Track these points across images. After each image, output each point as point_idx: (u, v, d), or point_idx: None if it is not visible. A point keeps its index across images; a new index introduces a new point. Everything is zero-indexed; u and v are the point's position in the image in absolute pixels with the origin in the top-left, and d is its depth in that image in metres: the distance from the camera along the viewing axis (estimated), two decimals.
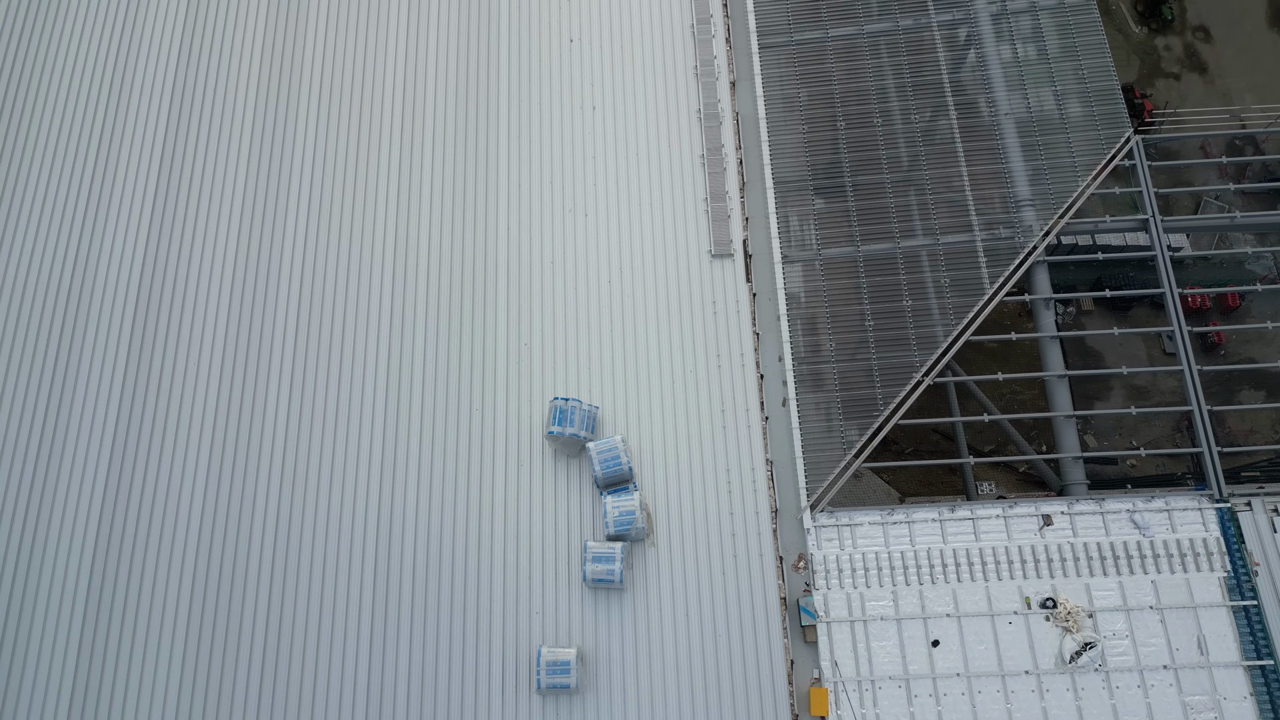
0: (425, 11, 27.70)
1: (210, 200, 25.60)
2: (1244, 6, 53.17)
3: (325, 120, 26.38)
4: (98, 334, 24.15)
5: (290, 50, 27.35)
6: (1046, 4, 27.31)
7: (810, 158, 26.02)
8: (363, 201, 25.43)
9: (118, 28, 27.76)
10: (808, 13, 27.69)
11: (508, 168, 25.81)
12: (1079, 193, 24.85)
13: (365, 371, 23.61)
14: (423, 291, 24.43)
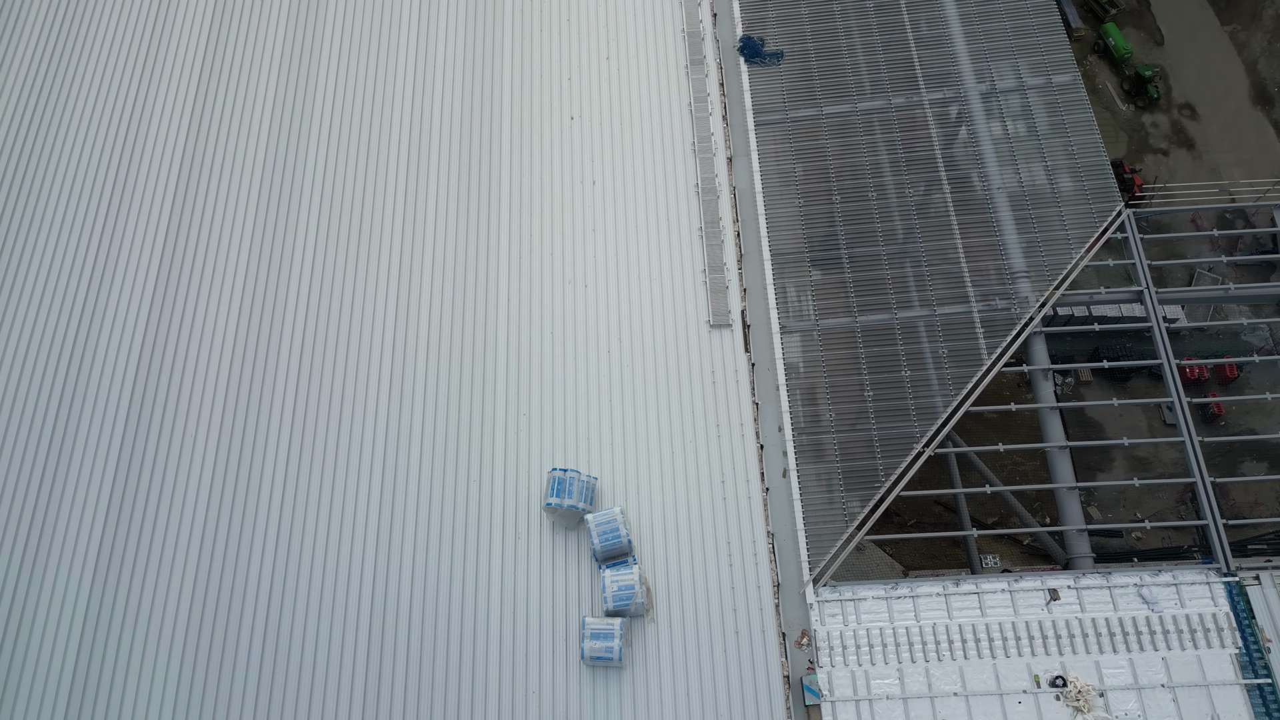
0: (430, 87, 28.40)
1: (214, 263, 25.80)
2: (1227, 86, 54.74)
3: (329, 192, 26.80)
4: (98, 398, 24.06)
5: (297, 118, 27.94)
6: (1034, 83, 28.07)
7: (807, 230, 26.39)
8: (364, 272, 25.66)
9: (129, 92, 28.42)
10: (802, 92, 28.42)
11: (509, 240, 26.13)
12: (1073, 265, 25.13)
13: (363, 441, 23.48)
14: (422, 362, 24.46)
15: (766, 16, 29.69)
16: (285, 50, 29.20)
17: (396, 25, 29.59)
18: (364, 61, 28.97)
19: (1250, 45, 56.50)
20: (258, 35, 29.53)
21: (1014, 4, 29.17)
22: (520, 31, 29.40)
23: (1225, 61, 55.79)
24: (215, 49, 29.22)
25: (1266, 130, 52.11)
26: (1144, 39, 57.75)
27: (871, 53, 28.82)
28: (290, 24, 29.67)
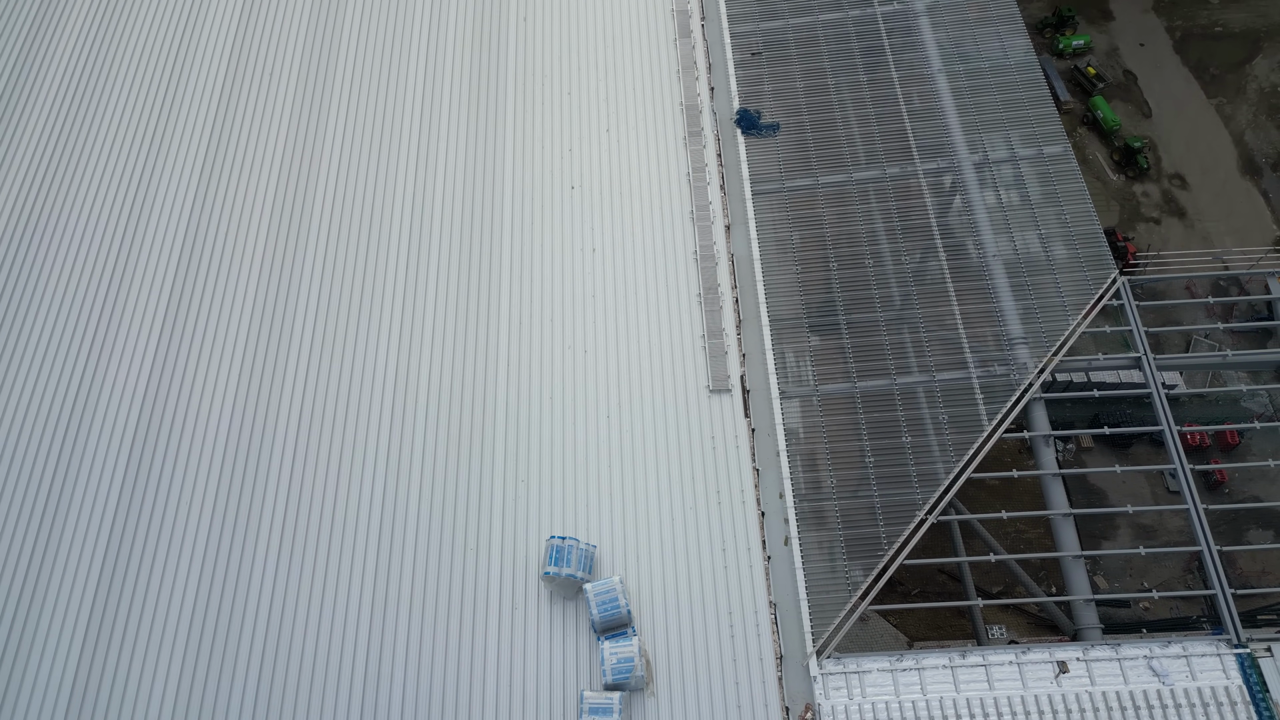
0: (433, 156, 28.91)
1: (216, 325, 25.86)
2: (1215, 157, 55.84)
3: (331, 257, 27.05)
4: (92, 471, 23.86)
5: (301, 181, 28.33)
6: (1026, 154, 28.63)
7: (804, 296, 26.59)
8: (365, 337, 25.74)
9: (137, 162, 28.90)
10: (798, 162, 28.96)
11: (509, 306, 26.29)
12: (1070, 331, 25.25)
13: (359, 507, 23.22)
14: (420, 427, 24.36)
15: (762, 90, 30.43)
16: (292, 114, 29.83)
17: (402, 96, 30.28)
18: (369, 130, 29.56)
19: (1236, 118, 57.84)
20: (268, 92, 30.24)
21: (1003, 78, 29.94)
22: (522, 104, 30.09)
23: (1213, 133, 57.03)
24: (224, 111, 29.87)
25: (1256, 199, 52.98)
26: (1132, 111, 59.14)
27: (866, 124, 29.46)
28: (298, 89, 30.40)
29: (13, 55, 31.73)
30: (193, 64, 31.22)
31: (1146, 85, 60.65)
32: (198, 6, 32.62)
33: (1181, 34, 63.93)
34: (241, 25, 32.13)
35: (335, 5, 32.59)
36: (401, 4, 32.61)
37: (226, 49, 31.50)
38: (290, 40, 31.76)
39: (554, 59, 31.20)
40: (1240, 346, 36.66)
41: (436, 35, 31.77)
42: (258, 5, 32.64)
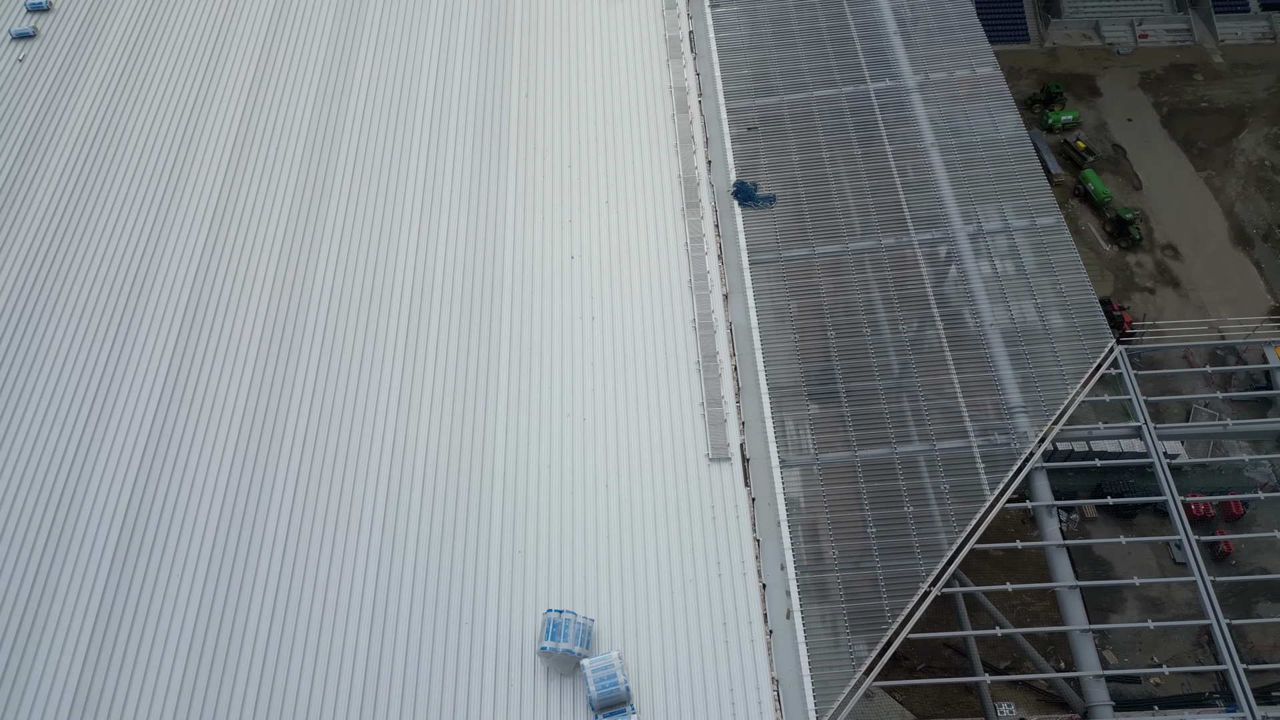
0: (435, 227, 29.30)
1: (215, 392, 25.82)
2: (1207, 228, 56.66)
3: (332, 325, 27.16)
4: (84, 545, 23.52)
5: (306, 242, 28.63)
6: (1019, 225, 29.02)
7: (803, 365, 26.62)
8: (363, 405, 25.66)
9: (145, 220, 29.36)
10: (795, 232, 29.33)
11: (508, 374, 26.28)
12: (1069, 400, 25.20)
13: (353, 578, 22.79)
14: (416, 497, 24.09)
15: (759, 163, 31.02)
16: (298, 179, 30.35)
17: (405, 167, 30.84)
18: (372, 201, 30.02)
19: (1226, 190, 58.89)
20: (275, 158, 30.82)
21: (995, 152, 30.54)
22: (523, 177, 30.63)
23: (1203, 205, 57.99)
24: (231, 175, 30.37)
25: (1249, 269, 53.56)
26: (1122, 184, 60.23)
27: (861, 196, 29.94)
28: (304, 155, 31.03)
29: (24, 129, 32.47)
30: (201, 132, 31.90)
31: (1136, 158, 61.92)
32: (207, 82, 33.53)
33: (1168, 109, 65.56)
34: (250, 94, 32.93)
35: (342, 80, 33.46)
36: (407, 78, 33.47)
37: (235, 117, 32.24)
38: (299, 106, 32.55)
39: (555, 134, 31.87)
40: (1240, 416, 36.58)
41: (441, 108, 32.52)
42: (265, 77, 33.52)
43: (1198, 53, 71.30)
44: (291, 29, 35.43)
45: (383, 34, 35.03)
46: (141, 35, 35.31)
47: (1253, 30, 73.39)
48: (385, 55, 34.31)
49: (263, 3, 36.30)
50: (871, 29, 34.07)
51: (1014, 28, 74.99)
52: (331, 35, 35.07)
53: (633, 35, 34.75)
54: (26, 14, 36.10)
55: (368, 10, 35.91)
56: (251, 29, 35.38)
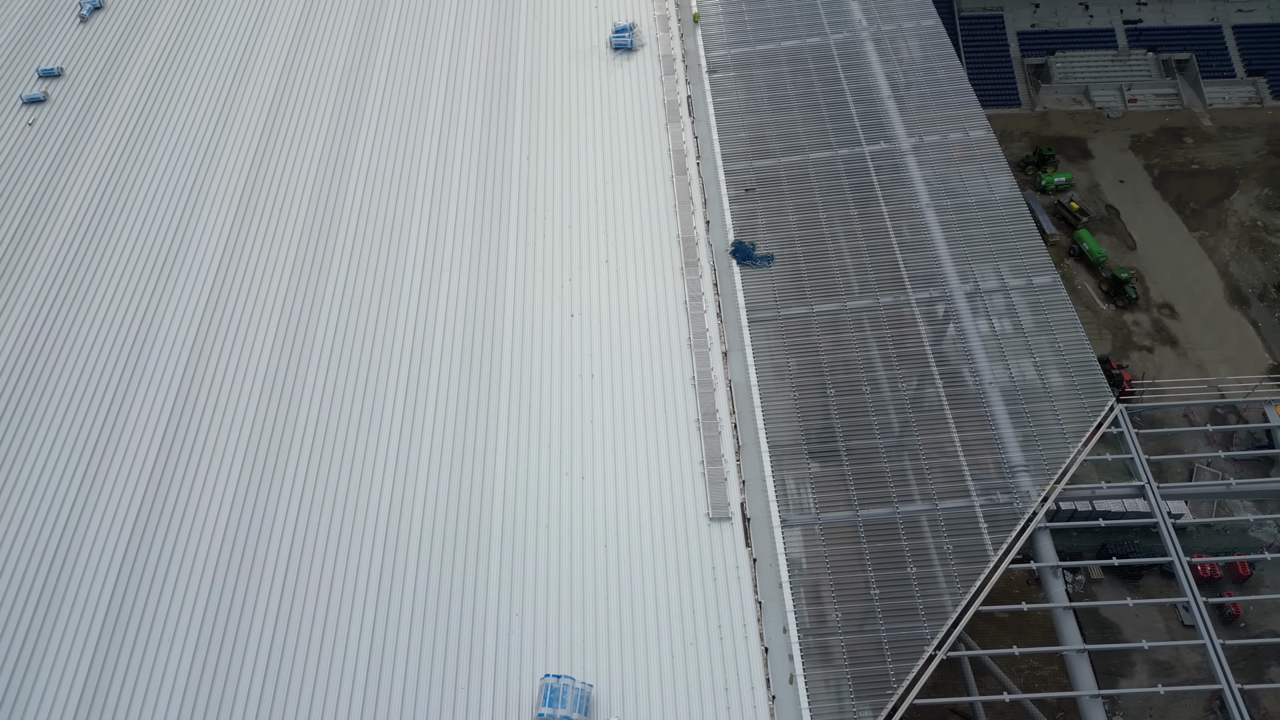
0: (436, 285, 29.50)
1: (212, 447, 25.70)
2: (1202, 287, 57.10)
3: (331, 382, 27.15)
4: (75, 603, 23.16)
5: (308, 305, 28.74)
6: (1016, 284, 29.19)
7: (803, 423, 26.52)
8: (360, 462, 25.49)
9: (146, 282, 29.45)
10: (793, 291, 29.50)
11: (507, 431, 26.16)
12: (1071, 459, 25.04)
13: (347, 639, 22.35)
14: (413, 557, 23.77)
15: (756, 223, 31.36)
16: (302, 231, 30.67)
17: (408, 226, 31.20)
18: (374, 258, 30.28)
19: (1219, 249, 59.51)
20: (280, 206, 31.27)
21: (990, 213, 30.89)
22: (524, 237, 30.95)
23: (1197, 264, 58.56)
24: (238, 220, 30.67)
25: (1246, 328, 53.83)
26: (1117, 244, 60.90)
27: (858, 255, 30.20)
28: (310, 206, 31.47)
29: (32, 189, 32.92)
30: (206, 193, 32.35)
31: (1129, 219, 62.74)
32: (213, 143, 34.13)
33: (1160, 171, 66.65)
34: (256, 155, 33.46)
35: (347, 140, 34.07)
36: (411, 140, 34.06)
37: (241, 177, 32.73)
38: (304, 165, 33.07)
39: (556, 195, 32.30)
40: (1243, 475, 36.38)
41: (444, 169, 33.03)
42: (272, 138, 34.10)
43: (1187, 116, 72.81)
44: (298, 89, 36.19)
45: (388, 97, 35.76)
46: (149, 100, 36.05)
47: (1239, 94, 75.07)
48: (390, 118, 34.97)
49: (269, 67, 37.15)
50: (866, 94, 34.78)
51: (1005, 92, 76.68)
52: (337, 96, 35.81)
53: (632, 100, 35.47)
54: (38, 80, 36.91)
55: (373, 73, 36.72)
56: (258, 93, 36.13)
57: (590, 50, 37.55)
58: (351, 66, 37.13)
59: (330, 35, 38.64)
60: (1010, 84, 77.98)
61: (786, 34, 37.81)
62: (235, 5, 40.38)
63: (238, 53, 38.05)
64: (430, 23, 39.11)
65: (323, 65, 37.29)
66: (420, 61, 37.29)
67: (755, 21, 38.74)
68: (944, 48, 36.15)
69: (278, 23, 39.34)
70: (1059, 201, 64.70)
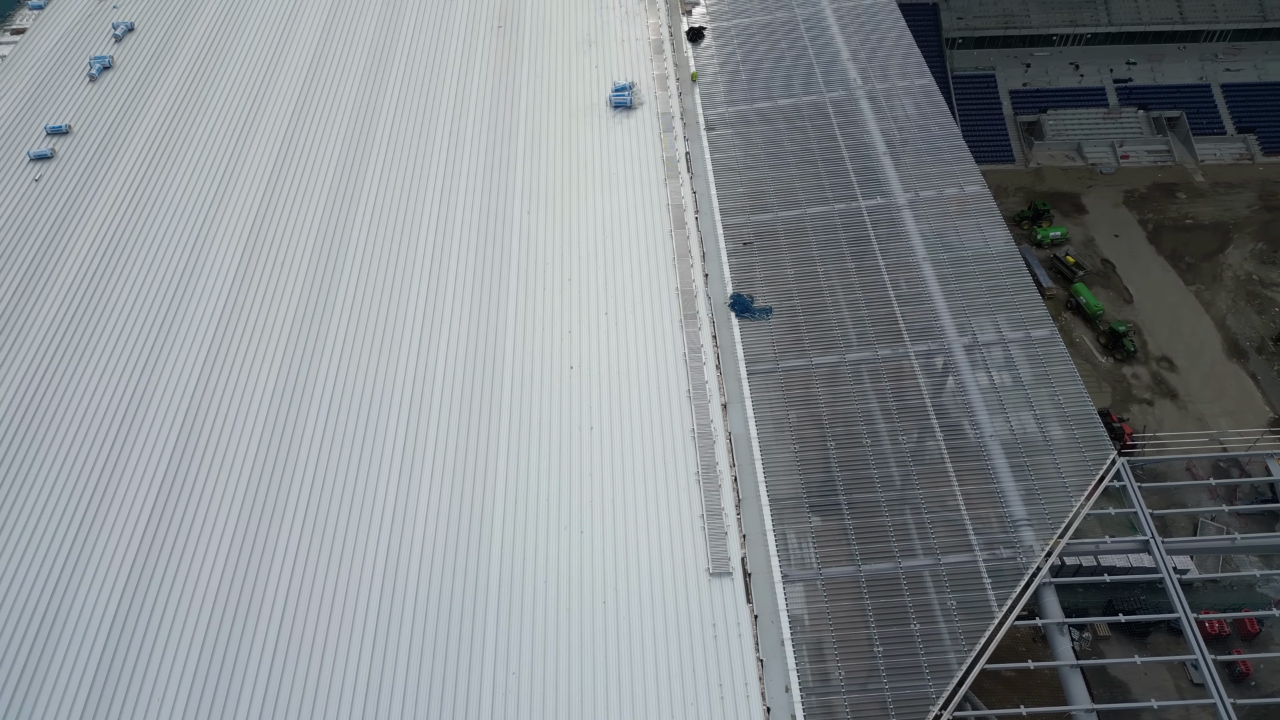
0: (436, 337, 29.58)
1: (210, 499, 25.47)
2: (1200, 340, 57.28)
3: (329, 434, 27.03)
4: (74, 637, 22.73)
5: (305, 365, 28.74)
6: (1014, 337, 29.26)
7: (804, 476, 26.33)
8: (358, 516, 25.24)
9: (154, 317, 29.49)
10: (791, 343, 29.56)
11: (505, 485, 25.96)
12: (1074, 513, 24.80)
13: (340, 700, 21.86)
14: (409, 612, 23.38)
15: (754, 276, 31.57)
16: (304, 284, 30.81)
17: (408, 279, 31.40)
18: (375, 310, 30.42)
19: (1216, 303, 59.85)
20: (283, 258, 31.48)
21: (987, 266, 31.10)
22: (524, 290, 31.12)
23: (1194, 318, 58.85)
24: (240, 273, 30.81)
25: (1246, 382, 53.84)
26: (1113, 297, 61.29)
27: (856, 308, 30.32)
28: (312, 260, 31.71)
29: (37, 244, 33.21)
30: (209, 247, 32.65)
31: (1125, 273, 63.25)
32: (217, 199, 34.54)
33: (1154, 225, 67.41)
34: (260, 209, 33.83)
35: (350, 194, 34.51)
36: (414, 194, 34.51)
37: (245, 229, 33.04)
38: (307, 217, 33.44)
39: (556, 248, 32.57)
40: (1247, 529, 35.97)
41: (446, 224, 33.38)
42: (275, 192, 34.52)
43: (1179, 172, 73.90)
44: (304, 141, 36.78)
45: (391, 153, 36.31)
46: (155, 157, 36.60)
47: (1230, 151, 76.30)
48: (393, 173, 35.46)
49: (275, 123, 37.79)
50: (861, 150, 35.32)
51: (999, 149, 77.95)
52: (342, 150, 36.38)
53: (632, 156, 36.00)
54: (46, 137, 37.51)
55: (377, 129, 37.34)
56: (264, 148, 36.71)
57: (591, 108, 38.25)
58: (356, 122, 37.78)
59: (336, 91, 39.41)
60: (1004, 141, 79.32)
61: (783, 92, 38.57)
62: (243, 63, 41.27)
63: (244, 109, 38.75)
64: (434, 81, 39.91)
65: (328, 119, 37.97)
66: (424, 118, 37.95)
67: (752, 80, 39.54)
68: (938, 105, 36.84)
69: (284, 79, 40.16)
70: (1055, 255, 65.29)
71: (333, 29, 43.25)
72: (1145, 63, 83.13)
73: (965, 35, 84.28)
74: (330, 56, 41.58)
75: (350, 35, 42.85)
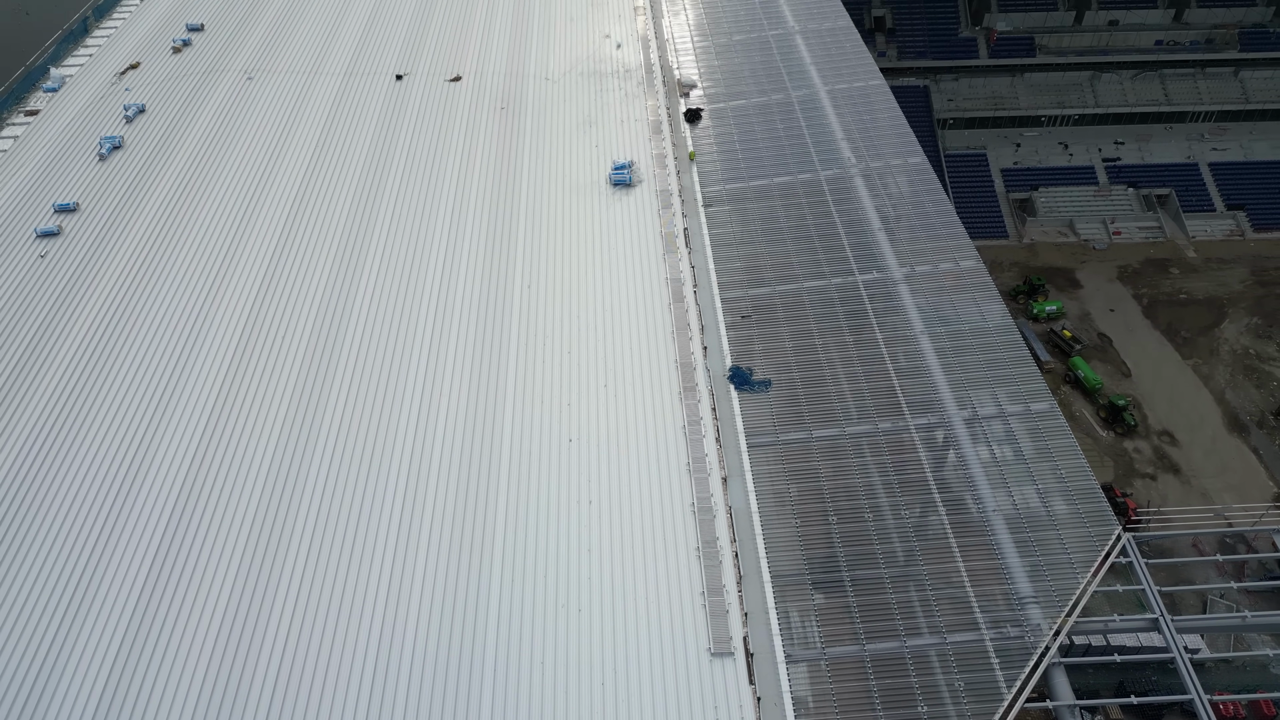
0: (434, 406, 29.49)
1: (203, 567, 25.05)
2: (1200, 415, 57.19)
3: (325, 507, 26.73)
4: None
5: (301, 440, 28.56)
6: (1014, 410, 29.20)
7: (806, 552, 25.94)
8: (350, 597, 24.75)
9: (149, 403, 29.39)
10: (791, 416, 29.48)
11: (502, 561, 25.53)
12: (1081, 590, 24.35)
13: None
14: (402, 695, 22.72)
15: (753, 349, 31.68)
16: (304, 355, 30.85)
17: (407, 352, 31.49)
18: (375, 379, 30.44)
19: (1214, 377, 59.96)
20: (280, 337, 31.50)
21: (984, 340, 31.23)
22: (523, 361, 31.19)
23: (1193, 392, 58.88)
24: (240, 347, 30.84)
25: (1248, 456, 53.56)
26: (1111, 371, 61.43)
27: (855, 381, 30.33)
28: (312, 332, 31.85)
29: (39, 320, 33.40)
30: (209, 323, 32.83)
31: (1122, 347, 63.55)
32: (220, 276, 34.90)
33: (1149, 300, 68.03)
34: (262, 284, 34.13)
35: (353, 266, 34.89)
36: (415, 267, 34.90)
37: (246, 303, 33.26)
38: (309, 291, 33.70)
39: (555, 322, 32.76)
40: (1257, 606, 35.30)
41: (446, 297, 33.66)
42: (278, 268, 34.88)
43: (1171, 248, 74.96)
44: (307, 221, 37.32)
45: (394, 230, 36.86)
46: (160, 236, 37.05)
47: (1221, 227, 77.59)
48: (395, 249, 35.91)
49: (280, 199, 38.45)
50: (856, 225, 35.86)
51: (992, 225, 79.27)
52: (345, 226, 36.92)
53: (631, 231, 36.55)
54: (54, 214, 38.09)
55: (381, 205, 37.99)
56: (268, 224, 37.26)
57: (591, 186, 38.99)
58: (360, 198, 38.45)
59: (341, 168, 40.25)
60: (997, 217, 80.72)
61: (779, 170, 39.36)
62: (251, 143, 42.21)
63: (251, 184, 39.49)
64: (438, 158, 40.79)
65: (333, 195, 38.66)
66: (427, 194, 38.66)
67: (748, 159, 40.40)
68: (931, 183, 37.55)
69: (291, 158, 41.04)
70: (1051, 330, 65.69)
71: (339, 111, 44.40)
72: (1133, 142, 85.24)
73: (956, 116, 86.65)
74: (336, 136, 42.57)
75: (357, 116, 43.96)
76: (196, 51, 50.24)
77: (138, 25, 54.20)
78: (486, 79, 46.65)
